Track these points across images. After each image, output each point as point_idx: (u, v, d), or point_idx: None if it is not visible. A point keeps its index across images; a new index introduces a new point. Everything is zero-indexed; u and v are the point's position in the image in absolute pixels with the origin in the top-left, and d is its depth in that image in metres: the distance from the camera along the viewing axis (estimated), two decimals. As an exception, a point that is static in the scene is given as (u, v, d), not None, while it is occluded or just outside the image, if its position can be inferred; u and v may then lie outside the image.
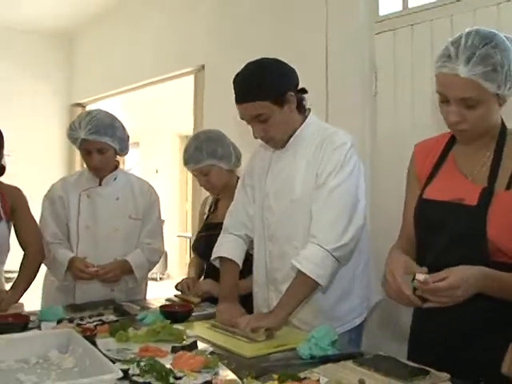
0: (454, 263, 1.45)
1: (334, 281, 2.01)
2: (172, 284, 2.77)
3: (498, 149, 1.59)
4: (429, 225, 1.64)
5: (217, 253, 2.25)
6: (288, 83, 2.01)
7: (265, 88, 1.95)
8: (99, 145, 2.49)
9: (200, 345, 1.73)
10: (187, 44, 4.80)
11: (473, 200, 1.54)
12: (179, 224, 9.42)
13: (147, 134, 10.04)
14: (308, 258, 1.89)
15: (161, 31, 5.30)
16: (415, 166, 1.78)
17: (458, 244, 1.55)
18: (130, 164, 10.03)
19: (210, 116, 4.43)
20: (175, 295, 2.60)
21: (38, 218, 2.59)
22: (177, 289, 2.62)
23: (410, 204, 1.74)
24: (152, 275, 6.03)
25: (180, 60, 4.90)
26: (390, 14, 3.11)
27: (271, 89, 1.95)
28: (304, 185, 2.03)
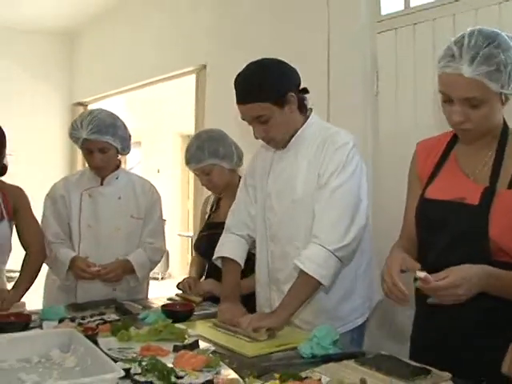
0: (456, 263, 1.45)
1: (337, 281, 2.01)
2: (173, 283, 2.78)
3: (500, 148, 1.59)
4: (430, 224, 1.64)
5: (219, 253, 2.25)
6: (289, 84, 2.00)
7: (265, 89, 1.94)
8: (101, 144, 2.49)
9: (202, 344, 1.73)
10: (189, 43, 4.80)
11: (474, 199, 1.54)
12: (181, 223, 9.41)
13: (149, 134, 10.04)
14: (310, 259, 1.89)
15: (162, 30, 5.30)
16: (417, 165, 1.78)
17: (460, 243, 1.55)
18: (132, 163, 10.03)
19: (212, 115, 4.43)
20: (177, 294, 2.60)
21: (40, 218, 2.59)
22: (178, 288, 2.63)
23: (412, 203, 1.74)
24: (153, 274, 6.02)
25: (181, 59, 4.90)
26: (392, 14, 3.11)
27: (271, 90, 1.94)
28: (306, 185, 2.02)
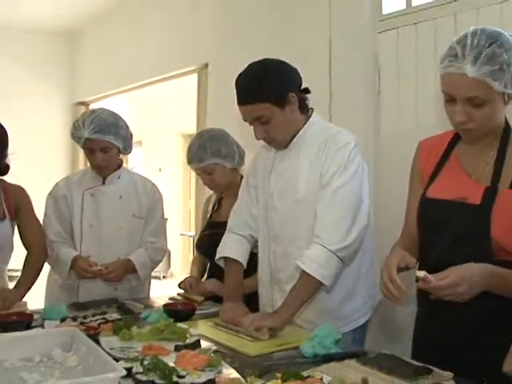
0: (457, 262, 1.45)
1: (339, 281, 2.00)
2: (175, 282, 2.78)
3: (502, 148, 1.59)
4: (432, 224, 1.64)
5: (221, 253, 2.24)
6: (289, 84, 1.99)
7: (265, 89, 1.93)
8: (103, 144, 2.49)
9: (203, 343, 1.73)
10: (190, 42, 4.80)
11: (476, 199, 1.54)
12: (182, 222, 9.41)
13: (150, 133, 10.05)
14: (312, 259, 1.89)
15: (163, 30, 5.30)
16: (419, 164, 1.77)
17: (461, 243, 1.54)
18: (134, 163, 10.04)
19: (213, 114, 4.43)
20: (178, 294, 2.60)
21: (42, 217, 2.59)
22: (180, 287, 2.63)
23: (413, 202, 1.74)
24: (155, 274, 6.01)
25: (183, 58, 4.90)
26: (394, 13, 3.11)
27: (271, 90, 1.94)
28: (308, 185, 2.02)
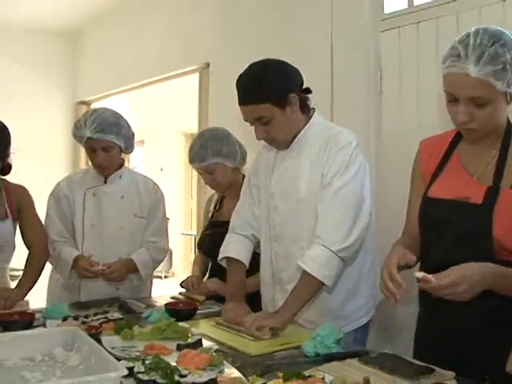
0: (459, 262, 1.45)
1: (341, 281, 2.00)
2: (177, 282, 2.78)
3: (504, 147, 1.59)
4: (433, 223, 1.64)
5: (224, 253, 2.24)
6: (290, 84, 1.99)
7: (265, 90, 1.93)
8: (104, 143, 2.49)
9: (205, 343, 1.73)
10: (192, 42, 4.80)
11: (478, 198, 1.54)
12: (184, 222, 9.42)
13: (152, 132, 10.05)
14: (313, 259, 1.89)
15: (165, 29, 5.29)
16: (420, 164, 1.77)
17: (463, 242, 1.54)
18: (135, 162, 10.04)
19: (215, 114, 4.42)
20: (180, 293, 2.60)
21: (43, 217, 2.60)
22: (182, 286, 2.63)
23: (415, 202, 1.73)
24: (157, 273, 6.03)
25: (185, 58, 4.90)
26: (395, 12, 3.10)
27: (272, 91, 1.93)
28: (309, 185, 2.02)
